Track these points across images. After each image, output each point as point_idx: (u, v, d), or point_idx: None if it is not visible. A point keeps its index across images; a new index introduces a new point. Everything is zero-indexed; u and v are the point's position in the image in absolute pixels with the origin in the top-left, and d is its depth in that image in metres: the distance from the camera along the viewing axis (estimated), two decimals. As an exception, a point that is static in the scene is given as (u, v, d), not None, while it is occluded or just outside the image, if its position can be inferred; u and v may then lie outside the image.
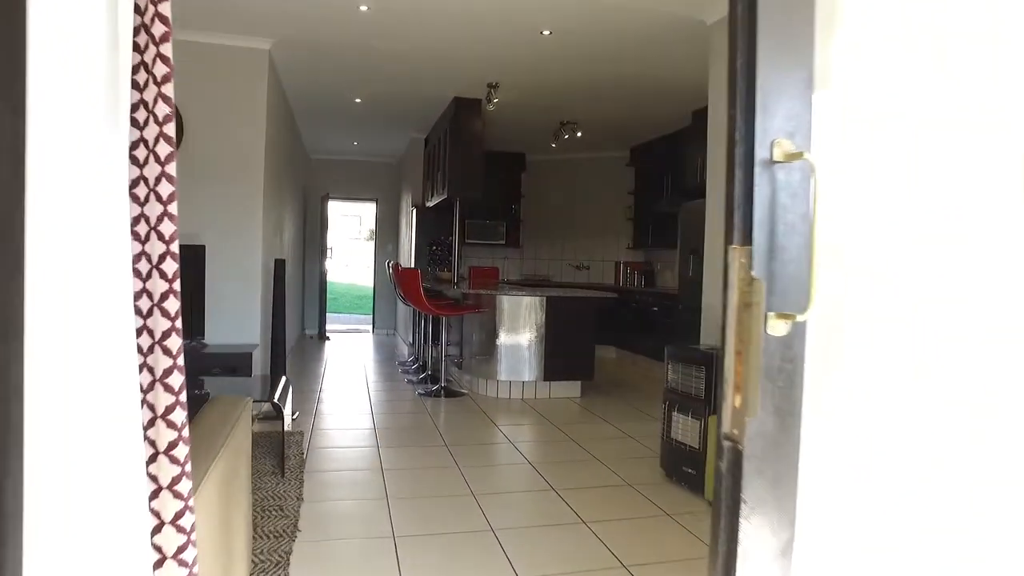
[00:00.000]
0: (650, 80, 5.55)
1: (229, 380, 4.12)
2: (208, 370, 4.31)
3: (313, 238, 9.79)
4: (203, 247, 4.45)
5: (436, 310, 5.36)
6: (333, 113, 7.12)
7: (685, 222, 6.34)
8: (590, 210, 9.02)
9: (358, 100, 6.49)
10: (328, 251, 9.62)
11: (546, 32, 4.41)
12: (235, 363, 4.31)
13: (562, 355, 5.49)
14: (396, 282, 5.86)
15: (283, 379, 3.82)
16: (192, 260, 4.41)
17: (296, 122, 7.50)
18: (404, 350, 8.30)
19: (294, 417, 4.40)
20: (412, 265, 8.05)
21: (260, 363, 4.71)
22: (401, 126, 7.77)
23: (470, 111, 6.22)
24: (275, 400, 3.27)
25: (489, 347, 5.53)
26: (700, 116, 6.29)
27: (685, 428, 3.42)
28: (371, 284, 11.02)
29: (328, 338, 9.33)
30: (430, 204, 7.46)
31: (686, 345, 3.64)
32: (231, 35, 4.63)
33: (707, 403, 3.27)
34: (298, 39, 4.72)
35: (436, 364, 5.99)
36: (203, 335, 4.49)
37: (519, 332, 5.44)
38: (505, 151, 9.02)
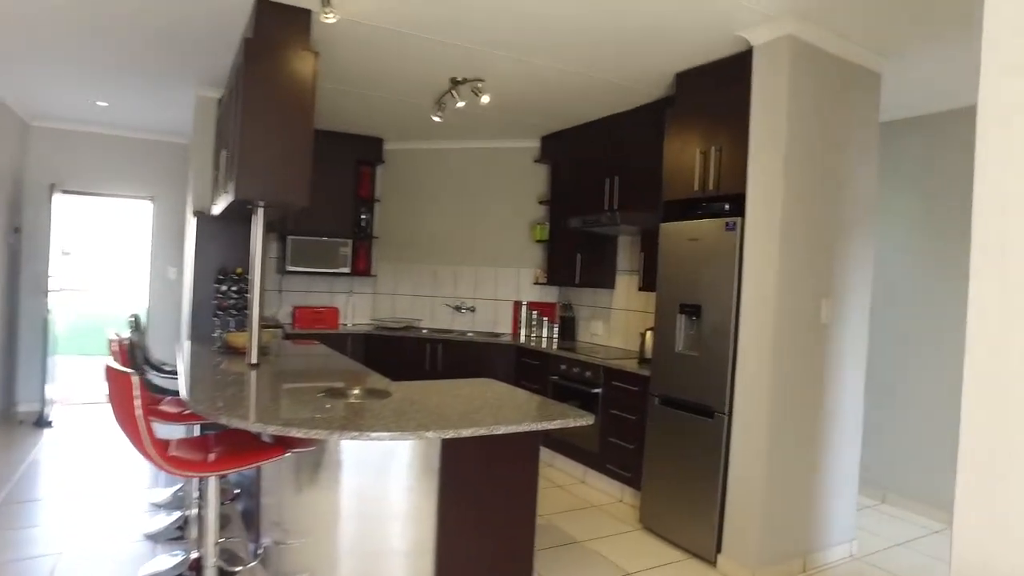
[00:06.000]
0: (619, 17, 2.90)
1: None
2: None
3: (36, 258, 6.06)
4: None
5: (181, 466, 2.25)
6: (15, 31, 3.71)
7: (669, 254, 3.73)
8: (478, 226, 6.21)
9: (51, -4, 3.20)
10: (51, 282, 5.92)
11: None
12: None
13: (470, 553, 2.61)
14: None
15: None
16: None
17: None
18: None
19: None
20: (188, 311, 4.76)
21: None
22: (175, 73, 4.48)
23: (286, 33, 3.17)
24: None
25: (317, 527, 2.54)
26: (691, 79, 3.74)
27: None
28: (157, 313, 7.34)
29: (50, 423, 5.66)
30: (216, 211, 4.25)
31: None
32: None
33: None
34: None
35: (205, 541, 2.85)
36: None
37: (380, 501, 2.50)
38: (349, 132, 5.98)
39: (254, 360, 3.45)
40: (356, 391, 2.86)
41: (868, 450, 3.87)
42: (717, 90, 3.54)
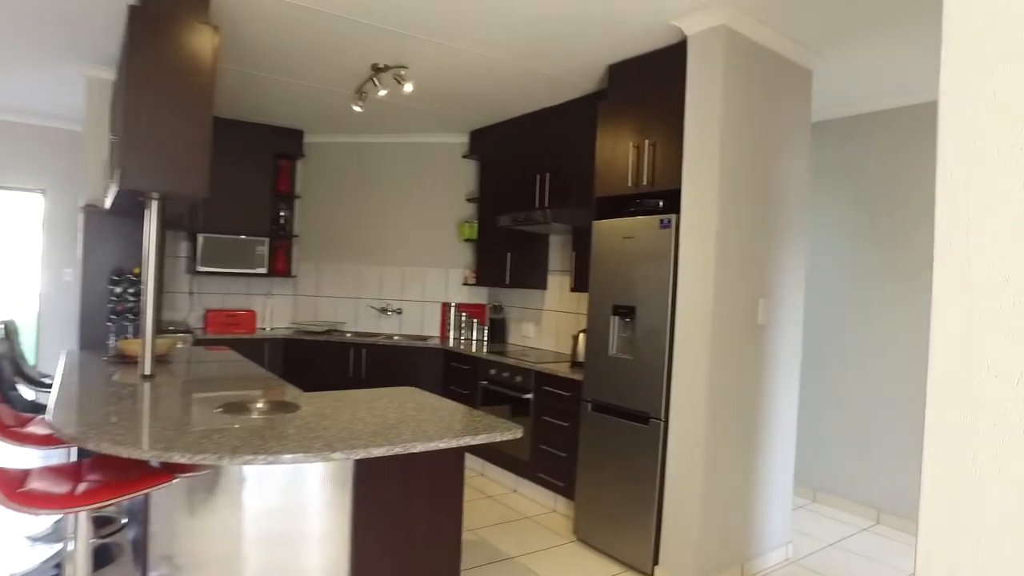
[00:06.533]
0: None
1: None
2: None
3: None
4: None
5: (36, 502, 1.91)
6: None
7: (602, 253, 3.57)
8: (405, 224, 5.93)
9: None
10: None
11: None
12: None
13: None
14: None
15: None
16: None
17: None
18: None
19: None
20: (78, 315, 4.29)
21: None
22: (58, 48, 4.03)
23: (179, 2, 2.84)
24: None
25: (214, 556, 2.23)
26: (624, 71, 3.59)
27: None
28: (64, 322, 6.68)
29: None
30: (107, 205, 3.83)
31: None
32: None
33: None
34: None
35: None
36: None
37: (286, 525, 2.22)
38: (267, 123, 5.61)
39: (147, 371, 3.08)
40: (260, 405, 2.56)
41: (799, 449, 3.82)
42: (651, 82, 3.41)
